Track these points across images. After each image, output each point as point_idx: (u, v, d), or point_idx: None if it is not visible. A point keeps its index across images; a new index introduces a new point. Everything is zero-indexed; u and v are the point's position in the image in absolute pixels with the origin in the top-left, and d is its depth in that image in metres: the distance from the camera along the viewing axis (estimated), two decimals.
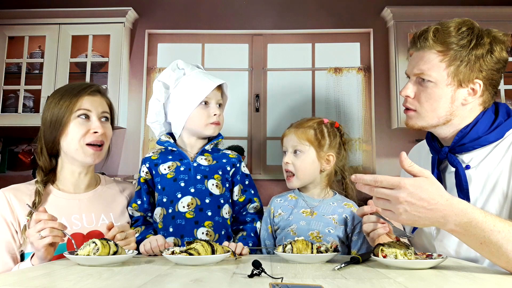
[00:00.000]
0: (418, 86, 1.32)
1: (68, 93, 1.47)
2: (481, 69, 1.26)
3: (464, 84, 1.27)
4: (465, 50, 1.25)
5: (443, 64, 1.26)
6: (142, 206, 1.56)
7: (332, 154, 1.55)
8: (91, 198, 1.51)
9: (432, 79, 1.28)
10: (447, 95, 1.28)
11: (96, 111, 1.46)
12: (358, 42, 3.01)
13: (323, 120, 1.59)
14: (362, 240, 1.48)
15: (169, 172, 1.54)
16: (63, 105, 1.44)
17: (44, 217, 1.21)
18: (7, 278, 0.95)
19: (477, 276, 0.98)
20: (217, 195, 1.53)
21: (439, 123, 1.31)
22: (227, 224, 1.54)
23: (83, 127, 1.44)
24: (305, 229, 1.48)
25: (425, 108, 1.31)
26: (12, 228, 1.39)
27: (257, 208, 1.61)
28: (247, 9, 3.02)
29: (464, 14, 2.94)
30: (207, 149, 1.59)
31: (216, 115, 1.56)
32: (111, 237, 1.28)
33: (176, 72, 1.58)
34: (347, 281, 0.92)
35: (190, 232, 1.48)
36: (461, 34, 1.26)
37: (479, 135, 1.29)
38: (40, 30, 3.00)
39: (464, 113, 1.30)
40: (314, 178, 1.55)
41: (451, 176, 1.32)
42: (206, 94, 1.53)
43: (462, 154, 1.32)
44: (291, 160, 1.53)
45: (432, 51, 1.28)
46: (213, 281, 0.92)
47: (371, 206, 1.31)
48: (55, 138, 1.45)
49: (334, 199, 1.55)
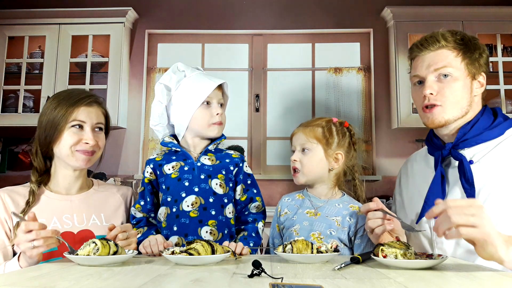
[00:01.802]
0: (438, 83, 1.40)
1: (65, 101, 1.49)
2: (483, 64, 1.42)
3: (476, 77, 1.41)
4: (469, 48, 1.40)
5: (458, 58, 1.39)
6: (145, 206, 1.58)
7: (340, 153, 1.54)
8: (82, 200, 1.55)
9: (452, 72, 1.38)
10: (467, 85, 1.40)
11: (91, 122, 1.50)
12: (358, 42, 3.01)
13: (332, 119, 1.59)
14: (365, 243, 1.47)
15: (173, 172, 1.56)
16: (59, 113, 1.47)
17: (35, 227, 1.20)
18: (7, 278, 0.95)
19: (477, 276, 0.98)
20: (221, 195, 1.54)
21: (462, 114, 1.40)
22: (230, 223, 1.55)
23: (75, 137, 1.48)
24: (308, 230, 1.48)
25: (450, 101, 1.38)
26: (6, 226, 1.43)
27: (259, 208, 1.61)
28: (247, 9, 3.02)
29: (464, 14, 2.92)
30: (210, 149, 1.60)
31: (218, 115, 1.57)
32: (112, 237, 1.28)
33: (177, 74, 1.60)
34: (347, 281, 0.92)
35: (194, 231, 1.49)
36: (460, 36, 1.42)
37: (481, 131, 1.38)
38: (40, 30, 3.00)
39: (474, 106, 1.42)
40: (321, 176, 1.55)
41: (455, 171, 1.38)
42: (207, 94, 1.55)
43: (465, 149, 1.39)
44: (299, 158, 1.54)
45: (445, 50, 1.40)
46: (213, 281, 0.92)
47: (376, 203, 1.33)
48: (49, 144, 1.49)
49: (341, 201, 1.55)
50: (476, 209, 1.03)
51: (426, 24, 2.90)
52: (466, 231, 1.02)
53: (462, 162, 1.35)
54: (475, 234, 1.02)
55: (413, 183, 1.54)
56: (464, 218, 1.02)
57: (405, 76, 2.92)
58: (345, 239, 1.48)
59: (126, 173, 2.89)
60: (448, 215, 1.02)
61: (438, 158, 1.42)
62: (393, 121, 2.90)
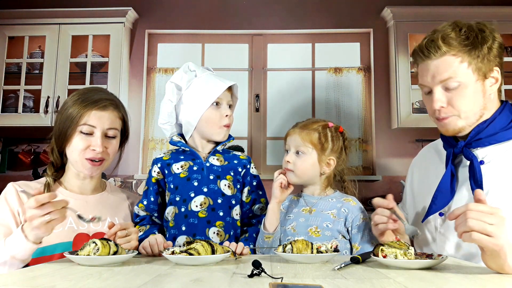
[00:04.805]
0: (447, 93, 1.32)
1: (80, 102, 1.44)
2: (494, 58, 1.31)
3: (487, 75, 1.31)
4: (476, 46, 1.28)
5: (464, 64, 1.29)
6: (148, 206, 1.57)
7: (333, 158, 1.56)
8: (98, 201, 1.52)
9: (461, 80, 1.29)
10: (479, 90, 1.31)
11: (101, 127, 1.44)
12: (358, 42, 3.01)
13: (328, 123, 1.60)
14: (362, 232, 1.50)
15: (182, 171, 1.56)
16: (71, 115, 1.43)
17: (46, 199, 1.15)
18: (7, 278, 0.95)
19: (477, 276, 0.98)
20: (229, 196, 1.55)
21: (477, 118, 1.34)
22: (236, 225, 1.56)
23: (84, 142, 1.43)
24: (304, 226, 1.51)
25: (462, 110, 1.31)
26: (18, 219, 1.39)
27: (263, 210, 1.61)
28: (247, 9, 3.02)
29: (464, 14, 2.93)
30: (218, 150, 1.61)
31: (227, 116, 1.58)
32: (112, 235, 1.28)
33: (188, 74, 1.60)
34: (347, 281, 0.92)
35: (202, 231, 1.50)
36: (465, 34, 1.30)
37: (496, 131, 1.32)
38: (40, 30, 3.00)
39: (489, 104, 1.35)
40: (313, 179, 1.57)
41: (465, 170, 1.34)
42: (218, 95, 1.55)
43: (477, 149, 1.34)
44: (293, 160, 1.54)
45: (448, 56, 1.29)
46: (213, 281, 0.92)
47: (389, 201, 1.33)
48: (62, 145, 1.47)
49: (333, 196, 1.58)
50: (497, 219, 0.98)
51: (426, 24, 2.90)
52: (478, 237, 0.98)
53: (473, 163, 1.31)
54: (488, 243, 0.98)
55: (425, 175, 1.51)
56: (481, 224, 0.98)
57: (405, 76, 2.92)
58: (343, 231, 1.50)
59: (126, 173, 2.89)
60: (466, 218, 0.99)
61: (449, 155, 1.38)
62: (393, 121, 2.90)
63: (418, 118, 2.83)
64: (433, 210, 1.37)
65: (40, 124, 2.87)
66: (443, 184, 1.36)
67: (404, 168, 1.88)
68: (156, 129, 2.94)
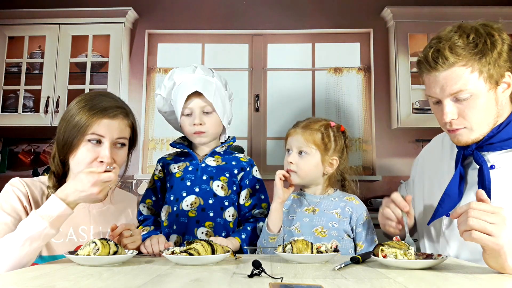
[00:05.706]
0: (457, 104, 1.27)
1: (87, 109, 1.35)
2: (505, 62, 1.25)
3: (499, 82, 1.26)
4: (486, 53, 1.23)
5: (475, 74, 1.23)
6: (157, 202, 1.61)
7: (336, 158, 1.56)
8: (100, 212, 1.47)
9: (473, 91, 1.24)
10: (491, 99, 1.26)
11: (110, 137, 1.36)
12: (358, 42, 3.01)
13: (329, 123, 1.59)
14: (366, 231, 1.51)
15: (178, 171, 1.59)
16: (77, 124, 1.34)
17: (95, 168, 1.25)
18: (7, 278, 0.95)
19: (477, 276, 0.98)
20: (222, 197, 1.55)
21: (490, 127, 1.29)
22: (229, 226, 1.55)
23: (92, 153, 1.34)
24: (309, 226, 1.50)
25: (475, 121, 1.27)
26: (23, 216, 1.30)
27: (264, 214, 1.59)
28: (247, 9, 3.02)
29: (464, 14, 2.93)
30: (218, 151, 1.61)
31: (195, 125, 1.55)
32: (116, 235, 1.28)
33: (168, 83, 1.63)
34: (347, 281, 0.92)
35: (191, 231, 1.50)
36: (473, 41, 1.24)
37: (509, 136, 1.28)
38: (40, 30, 3.00)
39: (502, 112, 1.31)
40: (316, 180, 1.57)
41: (474, 173, 1.31)
42: (181, 105, 1.56)
43: (489, 153, 1.31)
44: (295, 161, 1.53)
45: (457, 67, 1.23)
46: (213, 281, 0.92)
47: (406, 205, 1.33)
48: (66, 154, 1.38)
49: (335, 195, 1.58)
50: (498, 218, 0.98)
51: (426, 24, 2.91)
52: (478, 236, 0.98)
53: (482, 168, 1.27)
54: (488, 242, 0.98)
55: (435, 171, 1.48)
56: (481, 223, 0.98)
57: (405, 76, 2.92)
58: (349, 230, 1.51)
59: (126, 173, 2.89)
60: (467, 217, 0.99)
61: (459, 157, 1.35)
62: (393, 121, 2.90)
63: (418, 118, 2.84)
64: (440, 214, 1.35)
65: (40, 124, 2.88)
66: (451, 187, 1.33)
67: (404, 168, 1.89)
68: (156, 129, 2.93)
